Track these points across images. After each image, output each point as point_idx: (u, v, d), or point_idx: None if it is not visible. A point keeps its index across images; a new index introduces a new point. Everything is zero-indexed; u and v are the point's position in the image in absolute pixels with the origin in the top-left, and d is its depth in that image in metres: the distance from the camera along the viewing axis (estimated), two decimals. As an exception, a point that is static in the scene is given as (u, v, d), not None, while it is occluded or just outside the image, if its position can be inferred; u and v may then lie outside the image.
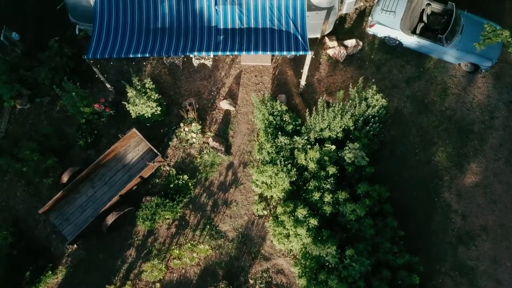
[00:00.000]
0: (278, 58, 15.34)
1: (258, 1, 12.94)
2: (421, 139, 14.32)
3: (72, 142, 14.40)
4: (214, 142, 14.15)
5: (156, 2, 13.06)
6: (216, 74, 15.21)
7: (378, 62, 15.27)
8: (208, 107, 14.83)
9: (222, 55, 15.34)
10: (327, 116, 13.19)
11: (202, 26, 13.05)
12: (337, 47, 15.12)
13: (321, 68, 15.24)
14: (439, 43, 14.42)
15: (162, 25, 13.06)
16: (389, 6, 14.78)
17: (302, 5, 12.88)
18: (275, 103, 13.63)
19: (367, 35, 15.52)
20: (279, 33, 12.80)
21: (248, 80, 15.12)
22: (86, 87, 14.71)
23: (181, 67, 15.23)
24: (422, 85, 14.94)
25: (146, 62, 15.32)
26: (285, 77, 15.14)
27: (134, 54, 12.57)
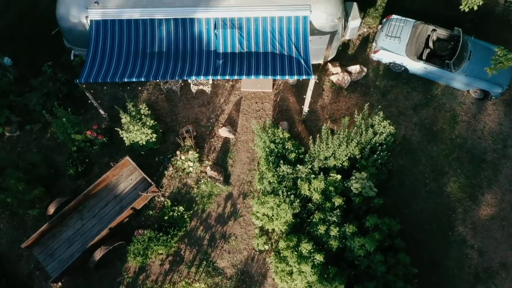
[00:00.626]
0: (280, 84, 14.79)
1: (259, 25, 12.50)
2: (431, 168, 13.53)
3: (61, 171, 13.60)
4: (212, 171, 13.35)
5: (153, 26, 12.62)
6: (215, 100, 14.61)
7: (383, 89, 14.71)
8: (206, 135, 14.13)
9: (222, 81, 14.80)
10: (332, 143, 12.47)
11: (201, 50, 12.54)
12: (340, 73, 14.60)
13: (324, 94, 14.66)
14: (446, 69, 13.90)
15: (159, 49, 12.56)
16: (394, 32, 14.39)
17: (304, 29, 12.42)
18: (276, 130, 12.94)
19: (371, 61, 15.04)
20: (281, 57, 12.27)
21: (249, 107, 14.50)
22: (79, 114, 14.08)
23: (179, 94, 14.65)
24: (430, 112, 14.31)
25: (143, 88, 14.75)
26: (287, 103, 14.53)
27: (129, 78, 11.99)
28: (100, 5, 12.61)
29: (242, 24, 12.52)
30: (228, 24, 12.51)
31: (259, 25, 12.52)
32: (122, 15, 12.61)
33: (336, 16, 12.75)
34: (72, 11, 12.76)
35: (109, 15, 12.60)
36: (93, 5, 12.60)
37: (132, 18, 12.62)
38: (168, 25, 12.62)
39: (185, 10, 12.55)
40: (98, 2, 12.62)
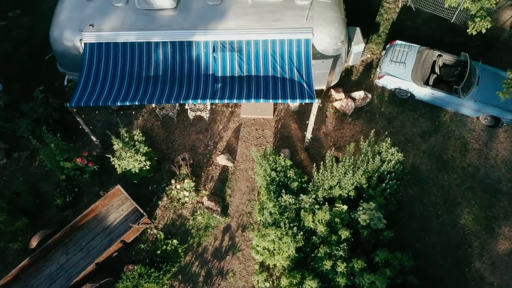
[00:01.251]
0: (281, 110, 14.18)
1: (259, 48, 12.03)
2: (443, 199, 12.69)
3: (48, 202, 12.74)
4: (209, 201, 12.50)
5: (149, 49, 12.15)
6: (213, 127, 13.95)
7: (389, 115, 14.09)
8: (203, 163, 13.37)
9: (220, 107, 14.21)
10: (337, 172, 11.68)
11: (199, 74, 12.01)
12: (344, 99, 14.03)
13: (327, 121, 14.02)
14: (455, 95, 13.34)
15: (155, 72, 12.03)
16: (398, 57, 13.95)
17: (307, 52, 11.93)
18: (278, 158, 12.19)
19: (376, 87, 14.51)
20: (282, 80, 11.71)
21: (248, 134, 13.82)
22: (70, 141, 13.40)
23: (176, 120, 14.02)
24: (439, 140, 13.62)
25: (138, 114, 14.14)
26: (289, 130, 13.86)
27: (123, 102, 11.37)
28: (95, 27, 12.20)
29: (241, 47, 12.06)
30: (227, 47, 12.05)
31: (259, 48, 12.04)
32: (118, 38, 12.16)
33: (339, 39, 12.31)
34: (65, 34, 12.33)
35: (104, 37, 12.16)
36: (88, 27, 12.19)
37: (128, 41, 12.17)
38: (165, 48, 12.15)
39: (183, 33, 12.12)
40: (93, 24, 12.20)
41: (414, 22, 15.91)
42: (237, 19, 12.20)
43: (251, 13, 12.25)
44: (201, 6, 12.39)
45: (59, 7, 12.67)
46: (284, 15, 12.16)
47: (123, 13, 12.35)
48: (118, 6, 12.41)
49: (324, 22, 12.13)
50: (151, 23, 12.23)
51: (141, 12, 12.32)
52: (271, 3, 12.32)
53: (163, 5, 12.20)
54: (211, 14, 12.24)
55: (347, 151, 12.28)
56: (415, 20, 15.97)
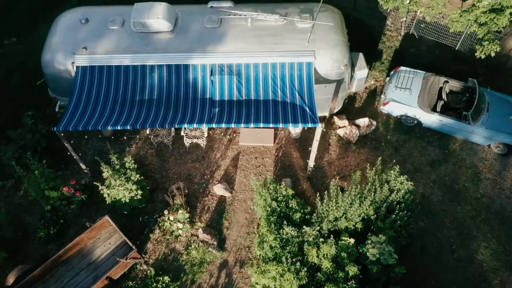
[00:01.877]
0: (282, 138, 13.50)
1: (259, 71, 11.51)
2: (457, 232, 11.77)
3: (31, 234, 11.80)
4: (205, 234, 11.57)
5: (144, 72, 11.63)
6: (210, 155, 13.22)
7: (395, 143, 13.40)
8: (199, 193, 12.54)
9: (218, 134, 13.54)
10: (342, 202, 10.83)
11: (195, 98, 11.43)
12: (348, 126, 13.38)
13: (331, 149, 13.30)
14: (464, 122, 12.71)
15: (150, 96, 11.45)
16: (404, 83, 13.44)
17: (309, 76, 11.40)
18: (279, 186, 11.36)
19: (381, 114, 13.91)
20: (283, 104, 11.11)
21: (247, 163, 13.07)
22: (58, 169, 12.63)
23: (171, 148, 13.30)
24: (450, 169, 12.86)
25: (131, 142, 13.45)
26: (290, 159, 13.12)
27: (114, 126, 10.70)
28: (88, 50, 11.74)
29: (240, 70, 11.54)
30: (226, 70, 11.53)
31: (259, 71, 11.53)
32: (112, 61, 11.68)
33: (343, 63, 11.82)
34: (57, 57, 11.85)
35: (97, 61, 11.68)
36: (81, 50, 11.74)
37: (122, 64, 11.68)
38: (161, 72, 11.64)
39: (180, 56, 11.66)
40: (87, 47, 11.75)
41: (418, 50, 15.55)
42: (236, 42, 11.77)
43: (251, 36, 11.84)
44: (199, 29, 12.00)
45: (53, 29, 12.28)
46: (285, 38, 11.74)
47: (118, 36, 11.94)
48: (113, 29, 12.02)
49: (326, 45, 11.68)
50: (147, 46, 11.79)
51: (137, 35, 11.92)
52: (271, 26, 11.94)
53: (160, 28, 11.81)
54: (209, 37, 11.82)
55: (353, 180, 11.47)
56: (419, 48, 15.62)
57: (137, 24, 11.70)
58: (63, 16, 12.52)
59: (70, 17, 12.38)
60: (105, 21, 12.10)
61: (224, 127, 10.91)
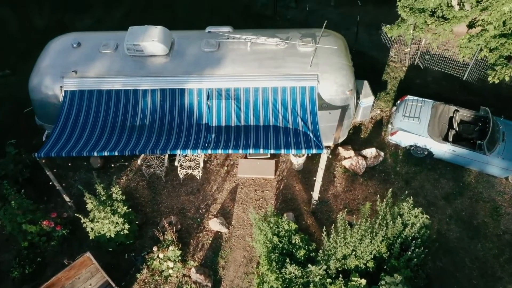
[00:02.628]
0: (283, 170, 12.57)
1: (259, 96, 10.80)
2: (479, 273, 10.56)
3: (4, 274, 10.58)
4: (198, 274, 10.36)
5: (137, 97, 10.93)
6: (206, 188, 12.24)
7: (405, 176, 12.46)
8: (193, 228, 11.44)
9: (215, 166, 12.63)
10: (351, 238, 9.73)
11: (190, 124, 10.65)
12: (354, 157, 12.50)
13: (336, 182, 12.34)
14: (479, 152, 11.84)
15: (142, 122, 10.67)
16: (412, 112, 12.71)
17: (312, 100, 10.69)
18: (280, 220, 10.30)
19: (388, 144, 13.08)
20: (285, 130, 10.29)
21: (246, 196, 12.06)
22: (41, 201, 11.62)
23: (164, 180, 12.35)
24: (466, 203, 11.83)
25: (121, 173, 12.52)
26: (292, 191, 12.13)
27: (100, 153, 9.83)
28: (78, 74, 11.10)
29: (239, 95, 10.84)
30: (223, 94, 10.83)
31: (258, 96, 10.82)
32: (103, 85, 11.02)
33: (348, 87, 11.14)
34: (45, 81, 11.20)
35: (88, 85, 11.02)
36: (71, 74, 11.10)
37: (114, 89, 11.00)
38: (154, 96, 10.94)
39: (175, 80, 11.00)
40: (77, 71, 11.13)
41: (424, 80, 14.98)
42: (234, 65, 11.16)
43: (250, 59, 11.25)
44: (195, 52, 11.44)
45: (43, 54, 11.73)
46: (286, 62, 11.14)
47: (111, 59, 11.36)
48: (106, 53, 11.46)
49: (330, 69, 11.05)
50: (141, 69, 11.17)
51: (130, 59, 11.33)
52: (272, 50, 11.38)
53: (155, 52, 11.24)
54: (207, 61, 11.23)
55: (362, 213, 10.45)
56: (425, 78, 15.06)
57: (131, 47, 11.13)
58: (54, 40, 12.02)
59: (62, 42, 11.87)
60: (98, 45, 11.57)
61: (220, 153, 10.06)
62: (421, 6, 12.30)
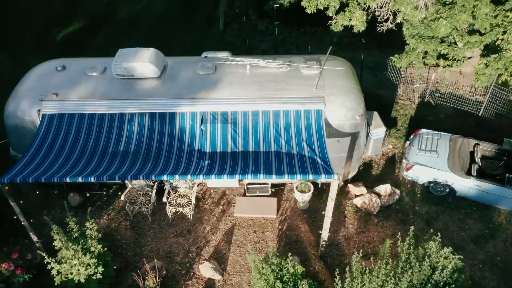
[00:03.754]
0: (286, 209, 11.08)
1: (259, 120, 9.65)
2: (527, 330, 8.66)
3: None
4: (184, 330, 8.48)
5: (122, 121, 9.78)
6: (198, 228, 10.66)
7: (426, 216, 10.93)
8: (181, 275, 9.70)
9: (209, 205, 11.16)
10: (370, 283, 8.02)
11: (181, 150, 9.39)
12: (366, 195, 11.06)
13: (347, 222, 10.79)
14: (509, 187, 10.43)
15: (126, 148, 9.42)
16: (428, 146, 11.50)
17: (318, 125, 9.53)
18: (285, 262, 8.64)
19: (404, 181, 11.71)
20: (289, 156, 9.00)
21: (244, 237, 10.46)
22: (6, 243, 10.00)
23: (150, 219, 10.80)
24: (500, 246, 10.20)
25: (102, 212, 11.01)
26: (297, 233, 10.54)
27: (74, 178, 8.44)
28: (59, 97, 10.06)
29: (237, 119, 9.69)
30: (219, 118, 9.68)
31: (258, 120, 9.67)
32: (85, 108, 9.93)
33: (358, 112, 10.01)
34: (22, 105, 10.13)
35: (69, 108, 9.93)
36: (51, 96, 10.05)
37: (97, 112, 9.88)
38: (142, 120, 9.79)
39: (166, 103, 9.94)
40: (58, 94, 10.09)
41: (436, 117, 13.94)
42: (232, 88, 10.15)
43: (249, 82, 10.28)
44: (190, 75, 10.51)
45: (23, 78, 10.77)
46: (288, 84, 10.14)
47: (96, 82, 10.38)
48: (92, 76, 10.51)
49: (337, 92, 10.01)
50: (128, 92, 10.15)
51: (118, 82, 10.34)
52: (273, 73, 10.44)
53: (145, 74, 10.29)
54: (201, 83, 10.25)
55: (381, 253, 8.82)
56: (437, 115, 14.02)
57: (119, 69, 10.19)
58: (38, 65, 11.14)
59: (46, 66, 10.99)
60: (84, 69, 10.65)
61: (214, 179, 8.67)
62: (431, 34, 11.57)
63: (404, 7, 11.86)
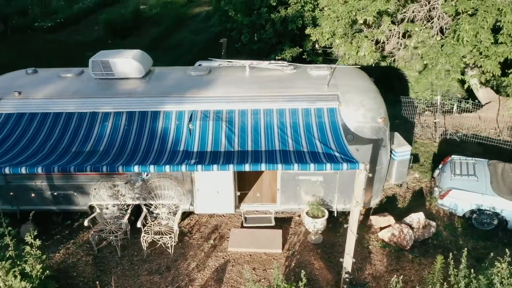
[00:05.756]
0: (294, 243, 8.72)
1: (260, 119, 7.91)
2: None
3: None
4: None
5: (94, 120, 8.05)
6: (180, 265, 8.20)
7: (474, 253, 8.53)
8: (151, 321, 7.04)
9: (197, 239, 8.83)
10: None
11: (162, 150, 7.48)
12: (395, 225, 8.79)
13: (374, 259, 8.36)
14: None
15: (94, 148, 7.52)
16: (464, 170, 9.59)
17: (333, 123, 7.78)
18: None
19: (439, 213, 9.50)
20: (298, 153, 7.05)
21: (239, 276, 7.96)
22: None
23: (119, 253, 8.39)
24: None
25: (61, 245, 8.66)
26: (309, 271, 8.05)
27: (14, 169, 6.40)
28: (22, 95, 8.46)
29: (232, 117, 7.95)
30: (211, 116, 7.94)
31: (259, 118, 7.92)
32: (51, 107, 8.26)
33: (379, 114, 8.29)
34: (-23, 106, 8.44)
35: (31, 107, 8.30)
36: (12, 95, 8.45)
37: (64, 111, 8.17)
38: (117, 120, 8.04)
39: (148, 101, 8.30)
40: (21, 92, 8.50)
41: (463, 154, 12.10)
42: (228, 87, 8.59)
43: (249, 82, 8.77)
44: (179, 76, 9.06)
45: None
46: (294, 83, 8.61)
47: (69, 81, 8.87)
48: (66, 77, 9.05)
49: (354, 90, 8.42)
50: (104, 90, 8.55)
51: (95, 82, 8.82)
52: (277, 75, 8.97)
53: (127, 73, 8.86)
54: (193, 83, 8.71)
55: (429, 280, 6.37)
56: (463, 153, 12.18)
57: (97, 66, 8.75)
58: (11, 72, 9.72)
59: (18, 71, 9.58)
60: (59, 72, 9.24)
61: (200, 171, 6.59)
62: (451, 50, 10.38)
63: (417, 27, 10.90)
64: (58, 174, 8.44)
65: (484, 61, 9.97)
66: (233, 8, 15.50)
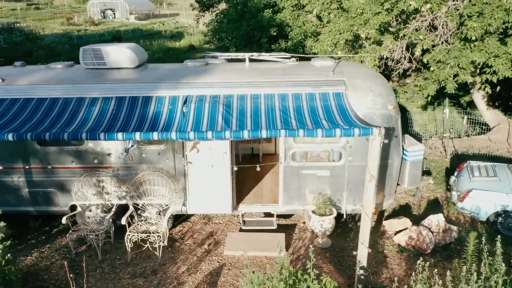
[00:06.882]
0: (299, 247, 7.72)
1: (260, 103, 7.25)
2: None
3: None
4: None
5: (80, 105, 7.35)
6: (168, 268, 7.16)
7: (504, 257, 7.45)
8: (130, 325, 5.91)
9: (189, 245, 7.83)
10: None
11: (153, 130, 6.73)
12: (412, 228, 7.83)
13: (391, 263, 7.33)
14: None
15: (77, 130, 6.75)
16: (483, 172, 8.80)
17: (340, 106, 7.11)
18: (304, 278, 5.17)
19: (459, 220, 8.57)
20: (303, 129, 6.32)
21: (236, 280, 6.89)
22: None
23: (100, 256, 7.37)
24: None
25: (35, 249, 7.64)
26: (318, 273, 6.96)
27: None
28: (5, 82, 7.87)
29: (231, 102, 7.30)
30: (208, 99, 7.30)
31: (260, 103, 7.26)
32: (35, 92, 7.62)
33: (389, 101, 7.65)
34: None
35: (13, 92, 7.66)
36: (-6, 81, 7.87)
37: (49, 97, 7.54)
38: (106, 105, 7.37)
39: (140, 87, 7.66)
40: (5, 79, 7.93)
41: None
42: (227, 74, 8.03)
43: (249, 70, 8.22)
44: (175, 67, 8.51)
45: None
46: (298, 72, 8.05)
47: (58, 71, 8.35)
48: (55, 68, 8.54)
49: (361, 76, 7.85)
50: (94, 77, 7.98)
51: (85, 72, 8.29)
52: (279, 66, 8.46)
53: (120, 62, 8.32)
54: (188, 72, 8.16)
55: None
56: (478, 167, 11.44)
57: (88, 54, 8.25)
58: None
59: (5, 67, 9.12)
60: (49, 65, 8.76)
61: (195, 140, 5.82)
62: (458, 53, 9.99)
63: (422, 35, 10.59)
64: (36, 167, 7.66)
65: (495, 60, 9.51)
66: (234, 44, 15.56)
